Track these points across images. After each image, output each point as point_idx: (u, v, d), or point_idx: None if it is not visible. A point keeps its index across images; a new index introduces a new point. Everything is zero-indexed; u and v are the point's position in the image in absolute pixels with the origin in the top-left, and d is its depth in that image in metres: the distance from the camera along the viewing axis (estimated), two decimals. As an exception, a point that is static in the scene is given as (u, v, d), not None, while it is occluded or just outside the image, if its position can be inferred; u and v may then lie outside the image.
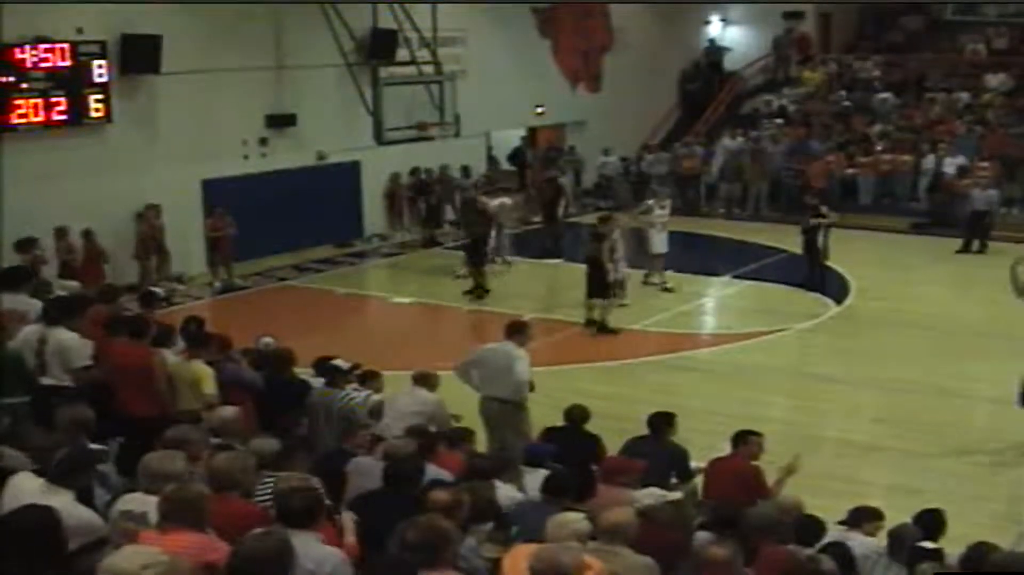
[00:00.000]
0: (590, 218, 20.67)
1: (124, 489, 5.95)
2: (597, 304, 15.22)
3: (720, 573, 5.39)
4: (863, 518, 7.19)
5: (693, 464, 8.61)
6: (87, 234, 15.96)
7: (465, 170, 22.23)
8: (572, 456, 7.89)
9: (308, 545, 4.85)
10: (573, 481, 6.76)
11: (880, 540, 6.99)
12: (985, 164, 22.39)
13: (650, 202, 18.03)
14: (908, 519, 7.13)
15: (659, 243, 17.40)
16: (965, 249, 20.53)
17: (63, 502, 5.23)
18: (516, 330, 9.91)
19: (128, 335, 8.87)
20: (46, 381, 8.50)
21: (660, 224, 17.45)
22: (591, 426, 8.84)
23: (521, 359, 9.60)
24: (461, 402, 9.86)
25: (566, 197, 21.42)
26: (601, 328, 15.19)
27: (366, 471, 6.95)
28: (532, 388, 9.79)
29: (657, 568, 5.55)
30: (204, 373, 8.56)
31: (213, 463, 5.78)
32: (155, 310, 10.73)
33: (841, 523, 7.23)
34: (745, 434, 8.36)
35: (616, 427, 9.04)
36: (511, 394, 9.61)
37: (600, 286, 15.10)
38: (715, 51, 28.92)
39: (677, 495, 7.83)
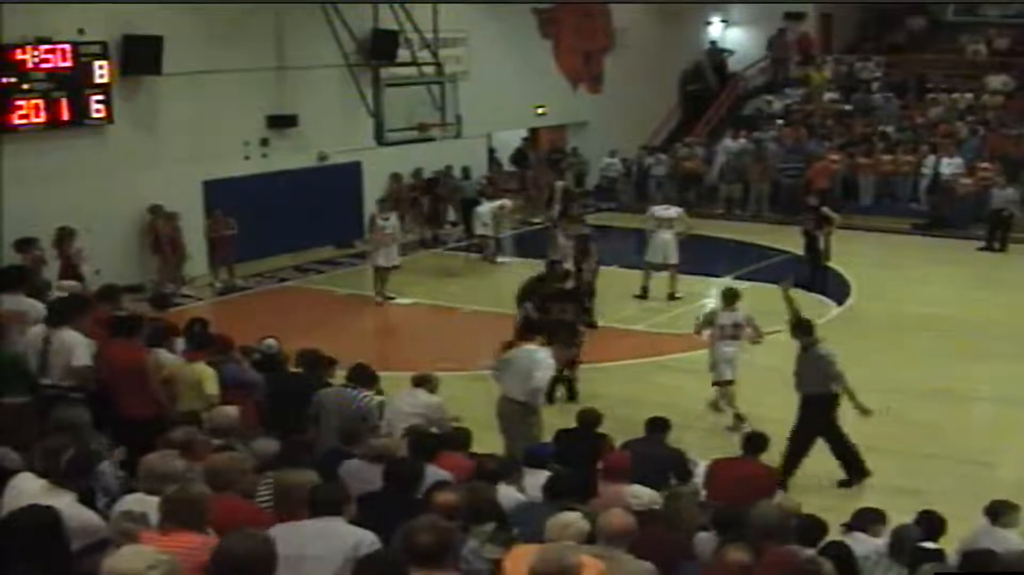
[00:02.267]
0: (593, 220, 20.75)
1: (123, 490, 5.97)
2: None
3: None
4: (867, 521, 7.18)
5: (693, 457, 8.67)
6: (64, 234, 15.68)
7: (465, 171, 22.26)
8: (580, 458, 7.91)
9: (340, 528, 5.16)
10: (575, 482, 6.77)
11: (883, 540, 6.99)
12: (986, 165, 22.39)
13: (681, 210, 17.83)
14: (908, 519, 7.14)
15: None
16: (988, 247, 20.81)
17: (65, 503, 5.24)
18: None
19: (124, 335, 8.87)
20: (48, 383, 8.49)
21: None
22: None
23: (544, 366, 9.75)
24: (462, 404, 9.88)
25: (557, 200, 21.81)
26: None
27: (358, 474, 6.95)
28: (552, 400, 9.90)
29: (656, 572, 5.55)
30: (207, 374, 8.57)
31: (212, 463, 5.78)
32: (166, 311, 10.76)
33: (845, 526, 7.23)
34: (757, 436, 8.41)
35: (617, 428, 9.05)
36: (526, 397, 9.74)
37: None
38: (718, 53, 28.91)
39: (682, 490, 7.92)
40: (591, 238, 15.99)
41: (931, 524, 6.99)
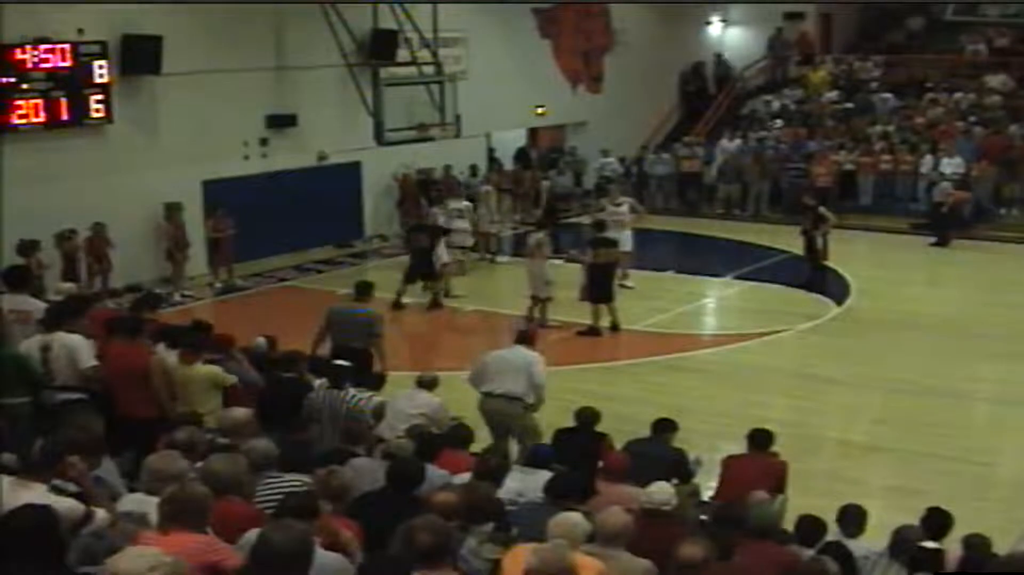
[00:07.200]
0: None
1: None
2: (610, 308, 15.26)
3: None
4: (854, 523, 7.16)
5: (692, 455, 8.69)
6: (66, 235, 15.74)
7: (473, 170, 22.29)
8: (580, 458, 7.91)
9: None
10: (576, 483, 6.77)
11: (874, 541, 6.99)
12: (977, 166, 22.51)
13: (603, 200, 18.57)
14: (908, 520, 7.13)
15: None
16: (939, 242, 21.09)
17: (34, 496, 5.17)
18: (524, 338, 10.35)
19: (127, 336, 8.85)
20: (55, 385, 8.47)
21: (613, 222, 17.09)
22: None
23: (538, 362, 9.90)
24: (463, 404, 9.88)
25: (544, 198, 22.68)
26: (615, 327, 15.26)
27: (362, 472, 6.94)
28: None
29: (655, 570, 5.56)
30: (215, 372, 8.59)
31: (209, 465, 5.75)
32: (156, 311, 10.74)
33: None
34: (765, 432, 8.47)
35: (617, 428, 9.05)
36: (524, 393, 9.76)
37: (610, 290, 15.22)
38: (723, 64, 28.92)
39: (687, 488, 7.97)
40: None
41: (936, 522, 6.95)
